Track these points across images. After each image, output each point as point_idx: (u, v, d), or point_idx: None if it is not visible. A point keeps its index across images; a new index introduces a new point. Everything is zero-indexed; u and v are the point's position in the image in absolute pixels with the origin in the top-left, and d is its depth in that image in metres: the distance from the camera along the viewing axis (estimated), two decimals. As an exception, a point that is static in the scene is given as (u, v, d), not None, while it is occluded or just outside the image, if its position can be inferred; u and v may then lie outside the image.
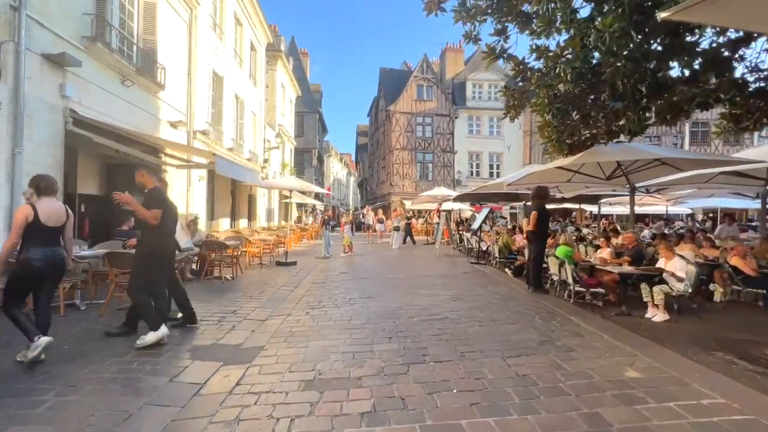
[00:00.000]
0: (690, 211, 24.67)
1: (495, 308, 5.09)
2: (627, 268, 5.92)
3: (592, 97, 6.38)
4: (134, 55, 8.57)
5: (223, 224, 14.00)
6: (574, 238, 10.27)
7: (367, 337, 3.97)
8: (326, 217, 12.44)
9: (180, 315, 4.46)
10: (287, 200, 23.08)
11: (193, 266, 7.83)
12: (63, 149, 6.26)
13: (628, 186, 8.09)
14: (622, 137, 7.33)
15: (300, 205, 32.55)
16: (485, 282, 7.14)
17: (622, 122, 6.45)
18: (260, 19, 17.73)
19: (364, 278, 7.92)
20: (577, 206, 23.89)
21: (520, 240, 10.79)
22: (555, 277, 6.58)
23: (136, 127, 7.93)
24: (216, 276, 7.68)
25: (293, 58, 31.12)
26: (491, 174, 33.46)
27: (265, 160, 19.21)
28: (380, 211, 16.72)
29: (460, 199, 15.97)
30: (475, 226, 10.06)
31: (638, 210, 22.81)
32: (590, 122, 6.66)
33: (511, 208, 32.68)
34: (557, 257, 6.57)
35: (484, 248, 13.11)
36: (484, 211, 10.08)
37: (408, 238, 16.07)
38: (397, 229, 14.82)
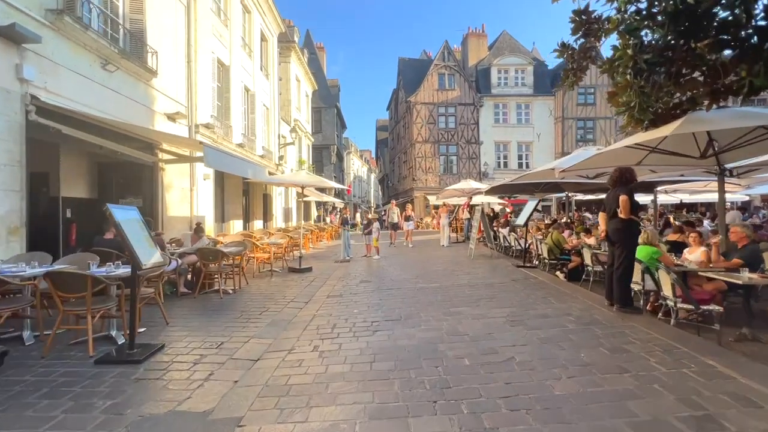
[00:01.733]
0: (746, 198, 21.71)
1: (579, 341, 3.59)
2: (750, 276, 4.29)
3: (690, 46, 4.73)
4: (120, 38, 7.51)
5: (235, 226, 12.99)
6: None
7: (398, 400, 2.60)
8: (345, 216, 11.17)
9: None
10: (305, 199, 22.08)
11: (189, 277, 6.71)
12: (24, 144, 5.20)
13: (716, 168, 6.37)
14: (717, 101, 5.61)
15: (320, 204, 31.61)
16: (544, 293, 5.63)
17: (731, 79, 4.77)
18: (270, 6, 16.61)
19: (390, 289, 6.56)
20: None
21: (573, 237, 9.14)
22: (636, 287, 5.02)
23: (123, 119, 6.86)
24: (215, 289, 6.51)
25: (308, 51, 30.04)
26: (520, 165, 31.41)
27: (280, 157, 18.18)
28: (409, 206, 14.96)
29: (494, 191, 14.33)
30: (521, 220, 8.50)
31: (688, 198, 20.34)
32: (684, 81, 5.01)
33: (544, 200, 30.64)
34: (639, 261, 5.00)
35: (525, 246, 11.53)
36: (531, 204, 8.50)
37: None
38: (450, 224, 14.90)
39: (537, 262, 8.76)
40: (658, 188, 12.86)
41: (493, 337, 3.79)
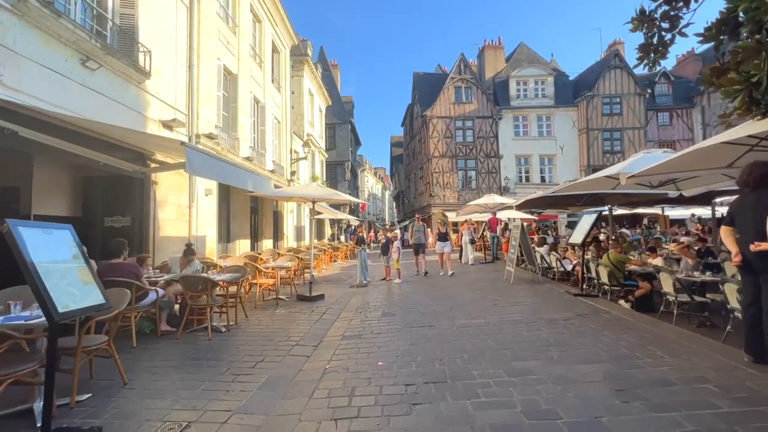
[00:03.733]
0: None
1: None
2: None
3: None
4: (108, 33, 6.62)
5: (242, 247, 11.87)
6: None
7: None
8: (360, 234, 9.94)
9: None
10: (318, 216, 20.99)
11: (177, 310, 5.50)
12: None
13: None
14: None
15: (334, 222, 30.53)
16: (637, 338, 4.14)
17: None
18: (283, 17, 15.99)
19: (421, 326, 5.18)
20: (652, 210, 19.84)
21: (639, 259, 7.63)
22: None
23: (108, 123, 5.83)
24: (205, 326, 5.27)
25: (322, 67, 29.67)
26: (542, 179, 29.84)
27: (293, 173, 17.21)
28: (441, 222, 11.72)
29: (526, 206, 12.89)
30: (577, 238, 7.04)
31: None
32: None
33: (569, 216, 28.81)
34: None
35: (569, 268, 9.99)
36: (588, 218, 7.05)
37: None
38: (472, 242, 14.05)
39: (589, 288, 7.24)
40: (718, 200, 11.26)
41: (605, 426, 2.38)
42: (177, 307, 5.61)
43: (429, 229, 10.75)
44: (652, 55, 4.70)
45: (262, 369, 3.83)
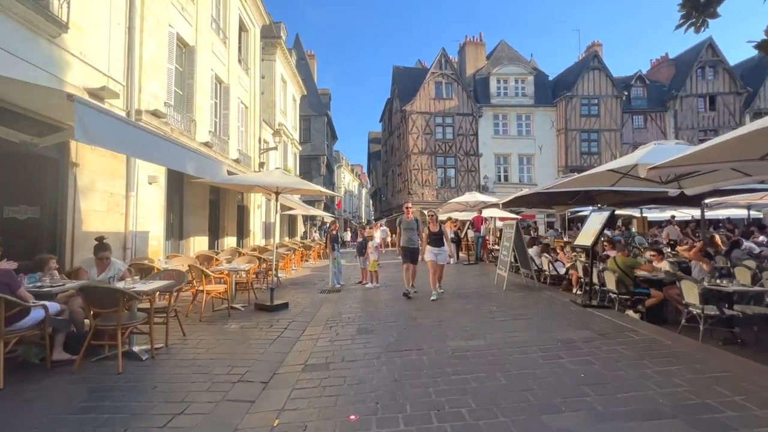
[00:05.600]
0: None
1: None
2: None
3: None
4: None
5: (198, 245, 10.38)
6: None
7: None
8: (333, 232, 8.71)
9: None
10: (291, 212, 19.55)
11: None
12: None
13: None
14: None
15: (309, 219, 29.03)
16: (691, 371, 3.18)
17: None
18: (251, -9, 14.49)
19: (407, 350, 4.06)
20: (626, 212, 19.65)
21: (652, 264, 6.83)
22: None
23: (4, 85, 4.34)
24: (120, 353, 3.94)
25: (297, 55, 28.06)
26: (521, 178, 29.53)
27: (261, 164, 15.73)
28: (434, 218, 7.15)
29: (514, 204, 12.06)
30: (584, 239, 6.10)
31: (709, 214, 18.34)
32: None
33: (548, 216, 28.61)
34: None
35: (562, 271, 9.18)
36: (597, 216, 6.15)
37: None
38: (457, 242, 12.96)
39: (588, 295, 6.38)
40: (708, 201, 10.80)
41: None
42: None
43: (427, 226, 7.02)
44: (695, 13, 3.79)
45: (178, 428, 2.60)
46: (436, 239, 6.90)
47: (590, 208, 16.43)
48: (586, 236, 6.12)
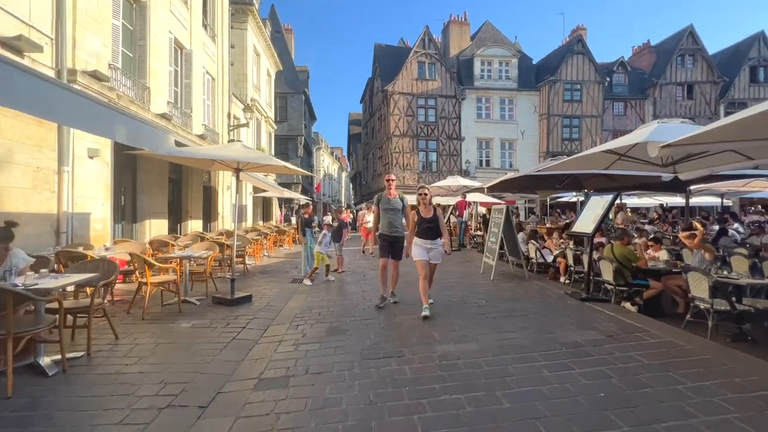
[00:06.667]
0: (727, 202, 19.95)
1: None
2: None
3: None
4: None
5: (155, 228, 9.33)
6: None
7: None
8: (306, 216, 7.88)
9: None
10: (264, 194, 18.45)
11: None
12: None
13: None
14: None
15: (286, 201, 27.86)
16: (730, 387, 2.64)
17: None
18: (217, -53, 13.01)
19: (386, 357, 3.39)
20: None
21: (651, 253, 6.39)
22: None
23: None
24: (26, 363, 3.09)
25: (272, 27, 26.31)
26: (503, 164, 29.23)
27: (230, 141, 14.53)
28: (426, 199, 4.83)
29: (499, 188, 11.53)
30: (585, 225, 5.53)
31: (681, 202, 18.48)
32: None
33: (528, 202, 28.50)
34: None
35: (549, 259, 8.72)
36: (597, 200, 5.58)
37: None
38: None
39: (588, 289, 5.88)
40: (693, 187, 10.56)
41: None
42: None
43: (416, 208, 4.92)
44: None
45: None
46: (429, 228, 4.74)
47: (572, 193, 16.22)
48: (585, 223, 5.56)
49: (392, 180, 5.40)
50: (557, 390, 2.65)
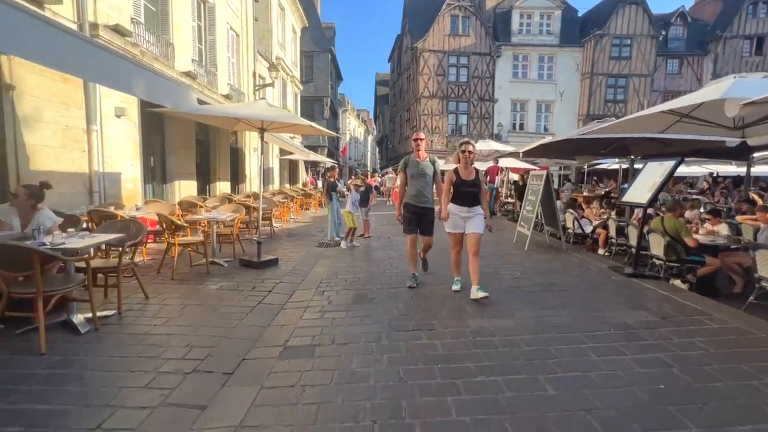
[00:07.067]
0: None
1: None
2: None
3: None
4: None
5: (184, 189, 9.43)
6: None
7: None
8: (332, 180, 7.66)
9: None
10: (290, 157, 18.36)
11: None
12: None
13: None
14: None
15: (312, 165, 27.78)
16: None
17: None
18: None
19: (416, 330, 3.21)
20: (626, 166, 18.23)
21: (708, 227, 5.81)
22: None
23: None
24: (59, 320, 3.14)
25: (297, -20, 24.97)
26: (538, 127, 27.60)
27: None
28: (466, 156, 4.02)
29: (535, 153, 10.81)
30: (641, 195, 4.97)
31: (732, 171, 16.77)
32: None
33: (563, 169, 27.05)
34: None
35: (588, 230, 8.20)
36: (656, 168, 4.99)
37: None
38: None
39: (634, 264, 5.41)
40: (758, 155, 9.48)
41: None
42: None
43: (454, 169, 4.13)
44: None
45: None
46: (468, 194, 4.00)
47: (614, 160, 15.08)
48: (639, 191, 5.00)
49: (421, 139, 4.57)
50: (608, 377, 2.38)
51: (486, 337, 3.02)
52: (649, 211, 6.82)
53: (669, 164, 4.69)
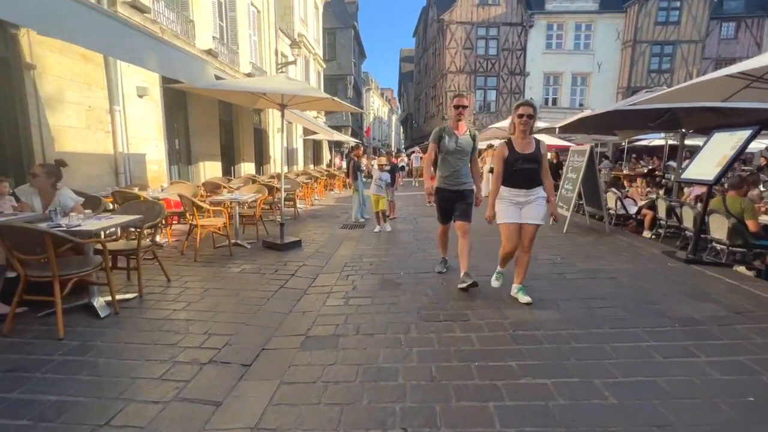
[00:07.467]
0: None
1: None
2: None
3: None
4: None
5: (209, 170, 9.41)
6: None
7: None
8: (358, 161, 7.34)
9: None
10: (314, 137, 18.16)
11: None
12: None
13: None
14: None
15: (336, 145, 27.54)
16: None
17: None
18: None
19: (447, 321, 2.93)
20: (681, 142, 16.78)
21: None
22: None
23: None
24: (79, 303, 3.08)
25: (319, -48, 24.11)
26: (572, 102, 26.01)
27: (279, 81, 14.01)
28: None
29: (571, 128, 10.03)
30: (707, 171, 4.36)
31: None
32: None
33: (600, 146, 25.49)
34: None
35: (632, 211, 7.57)
36: (724, 139, 4.36)
37: None
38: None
39: (694, 248, 4.85)
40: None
41: None
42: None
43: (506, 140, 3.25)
44: None
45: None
46: (527, 172, 3.11)
47: (659, 135, 13.89)
48: (704, 166, 4.40)
49: (465, 107, 3.58)
50: (681, 385, 2.02)
51: (528, 330, 2.70)
52: (700, 189, 6.15)
53: (743, 134, 4.05)
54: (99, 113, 5.92)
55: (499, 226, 3.25)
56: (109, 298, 3.16)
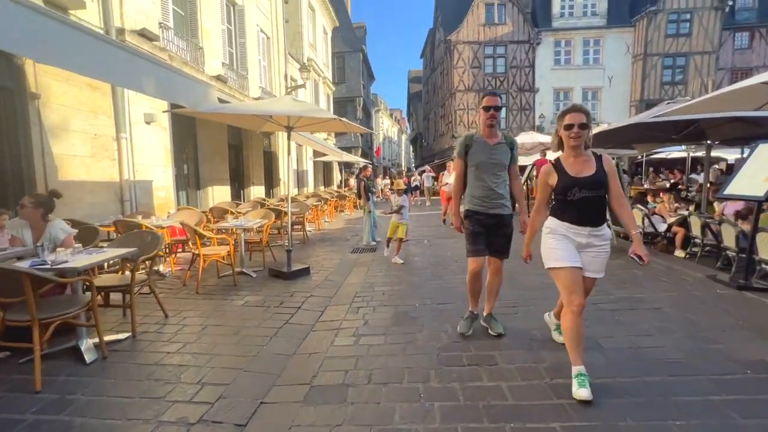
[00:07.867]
0: None
1: None
2: None
3: None
4: None
5: (218, 195, 9.30)
6: None
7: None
8: (368, 181, 7.05)
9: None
10: (324, 159, 18.15)
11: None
12: None
13: None
14: None
15: (347, 166, 27.59)
16: None
17: None
18: None
19: (474, 365, 2.55)
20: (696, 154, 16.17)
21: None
22: None
23: None
24: (67, 346, 2.81)
25: (327, -20, 24.86)
26: (584, 117, 25.59)
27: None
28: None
29: (603, 139, 9.66)
30: (755, 186, 3.95)
31: None
32: None
33: (614, 159, 24.98)
34: None
35: (662, 229, 7.11)
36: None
37: None
38: None
39: (745, 273, 4.37)
40: None
41: None
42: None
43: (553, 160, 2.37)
44: None
45: None
46: (589, 201, 2.26)
47: (680, 147, 13.41)
48: (750, 182, 4.00)
49: (497, 109, 2.86)
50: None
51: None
52: (740, 204, 5.68)
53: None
54: (105, 141, 5.84)
55: (551, 272, 2.35)
56: (96, 338, 2.89)
